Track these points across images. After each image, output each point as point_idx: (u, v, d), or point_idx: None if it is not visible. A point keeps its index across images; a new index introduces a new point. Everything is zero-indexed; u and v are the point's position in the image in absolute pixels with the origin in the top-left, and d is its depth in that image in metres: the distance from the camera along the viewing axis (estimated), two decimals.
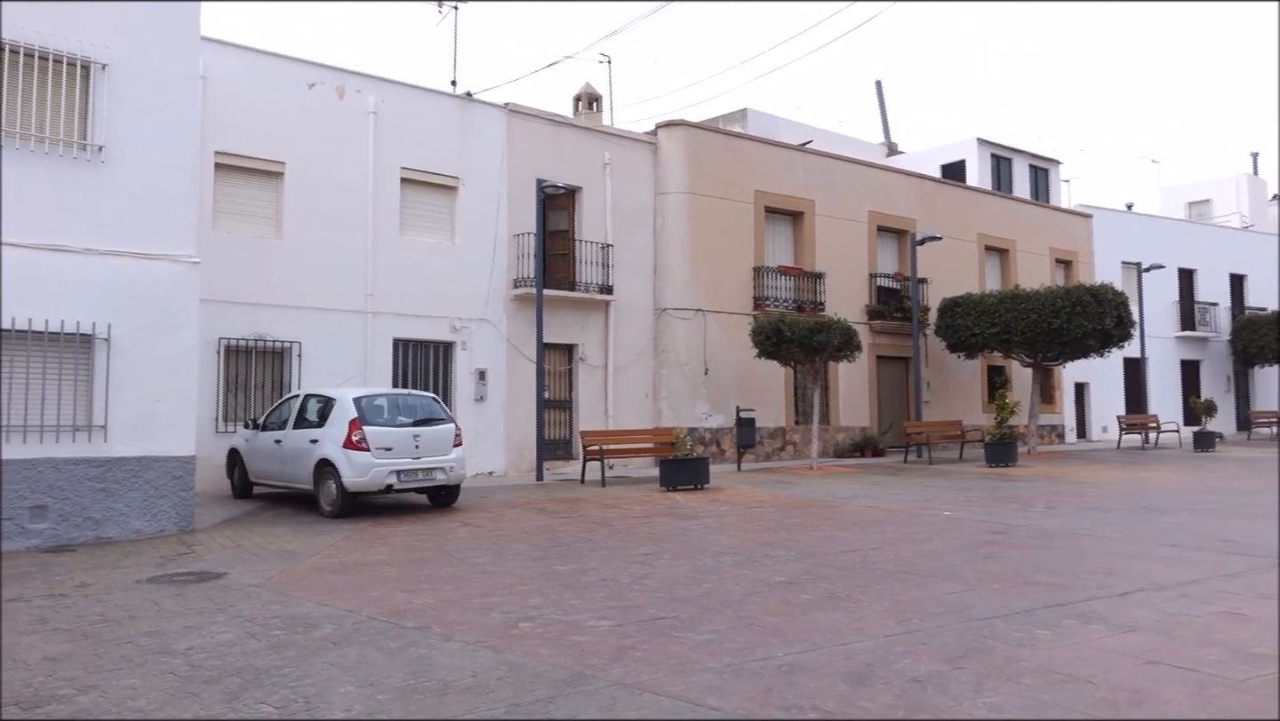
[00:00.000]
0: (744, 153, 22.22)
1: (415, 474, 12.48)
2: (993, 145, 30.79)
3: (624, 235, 20.37)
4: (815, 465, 19.65)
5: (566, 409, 19.68)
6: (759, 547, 9.64)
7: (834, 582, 7.79)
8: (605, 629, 6.28)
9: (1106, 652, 5.61)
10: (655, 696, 4.86)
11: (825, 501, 13.87)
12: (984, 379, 26.93)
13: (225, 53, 15.77)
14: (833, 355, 19.44)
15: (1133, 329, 23.76)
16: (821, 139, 27.92)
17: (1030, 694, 4.84)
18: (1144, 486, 15.85)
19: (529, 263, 18.44)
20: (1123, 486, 15.81)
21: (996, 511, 12.58)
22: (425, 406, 13.25)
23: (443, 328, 17.89)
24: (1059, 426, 28.94)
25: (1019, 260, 28.26)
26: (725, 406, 20.81)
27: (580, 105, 22.24)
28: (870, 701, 4.74)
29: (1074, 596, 7.17)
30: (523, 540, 10.29)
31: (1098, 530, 10.78)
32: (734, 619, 6.54)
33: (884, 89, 36.30)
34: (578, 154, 19.85)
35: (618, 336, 20.12)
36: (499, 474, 18.20)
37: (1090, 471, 18.90)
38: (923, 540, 10.14)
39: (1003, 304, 23.07)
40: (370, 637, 6.12)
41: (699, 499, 14.28)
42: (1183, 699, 4.75)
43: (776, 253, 22.78)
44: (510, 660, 5.56)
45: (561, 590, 7.57)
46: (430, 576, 8.23)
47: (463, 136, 18.37)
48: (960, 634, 6.06)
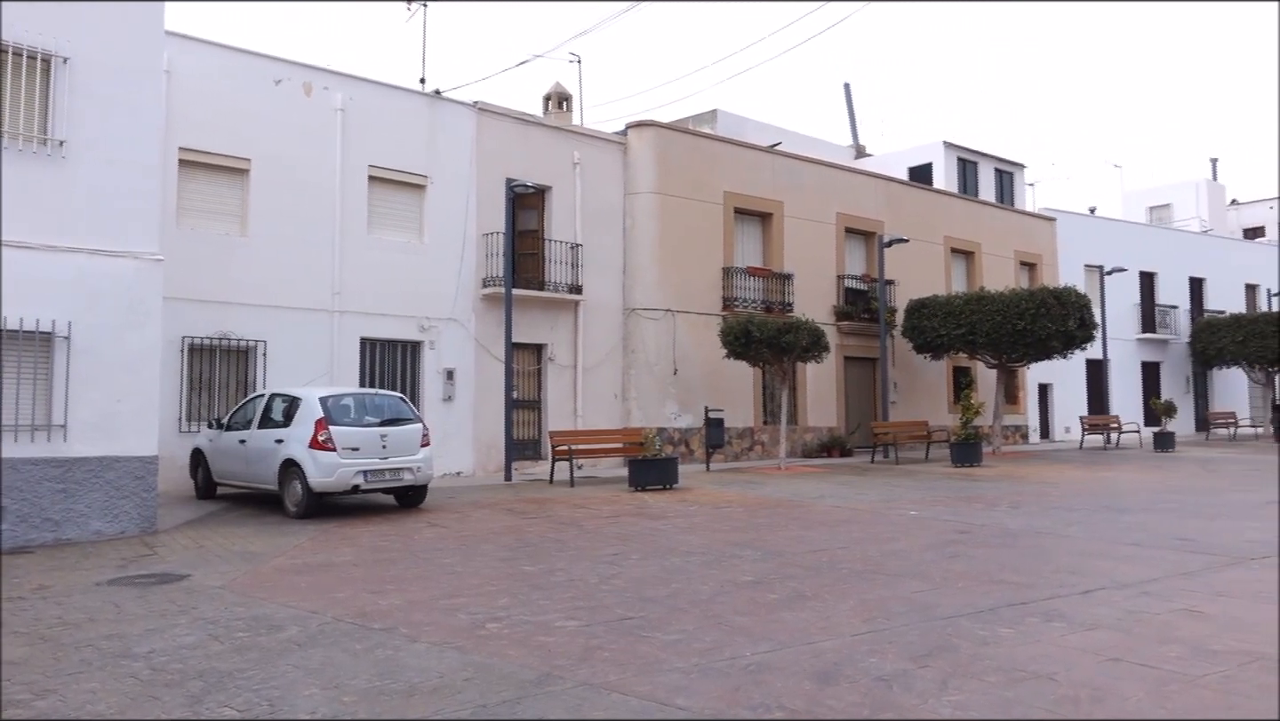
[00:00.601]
0: (713, 153, 22.28)
1: (382, 474, 12.39)
2: (959, 149, 31.12)
3: (593, 235, 20.35)
4: (783, 465, 19.74)
5: (535, 409, 19.63)
6: (727, 547, 9.67)
7: (801, 582, 7.83)
8: (573, 629, 6.27)
9: (1068, 650, 5.68)
10: (623, 696, 4.86)
11: (793, 501, 13.94)
12: (950, 380, 27.20)
13: (189, 48, 15.57)
14: (801, 356, 19.55)
15: (1095, 331, 24.11)
16: (790, 141, 28.07)
17: (994, 691, 4.90)
18: (1105, 486, 16.08)
19: (498, 262, 18.37)
20: (1085, 486, 16.03)
21: (961, 511, 12.71)
22: (392, 406, 13.16)
23: (410, 327, 17.78)
24: (1023, 427, 29.30)
25: (984, 262, 28.57)
26: (694, 406, 20.86)
27: (550, 104, 22.19)
28: (836, 700, 4.78)
29: (1037, 595, 7.26)
30: (490, 540, 10.25)
31: (1060, 529, 10.93)
32: (702, 618, 6.55)
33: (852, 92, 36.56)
34: (547, 153, 19.81)
35: (587, 336, 20.10)
36: (467, 474, 18.11)
37: (1053, 471, 19.15)
38: (889, 539, 10.22)
39: (968, 305, 23.31)
40: (335, 639, 6.07)
41: (667, 499, 14.30)
42: (1142, 695, 4.82)
43: (745, 253, 22.87)
44: (477, 661, 5.54)
45: (529, 590, 7.55)
46: (397, 577, 8.18)
47: (431, 135, 18.26)
48: (925, 632, 6.12)
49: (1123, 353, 32.33)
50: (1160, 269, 34.44)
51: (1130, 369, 32.96)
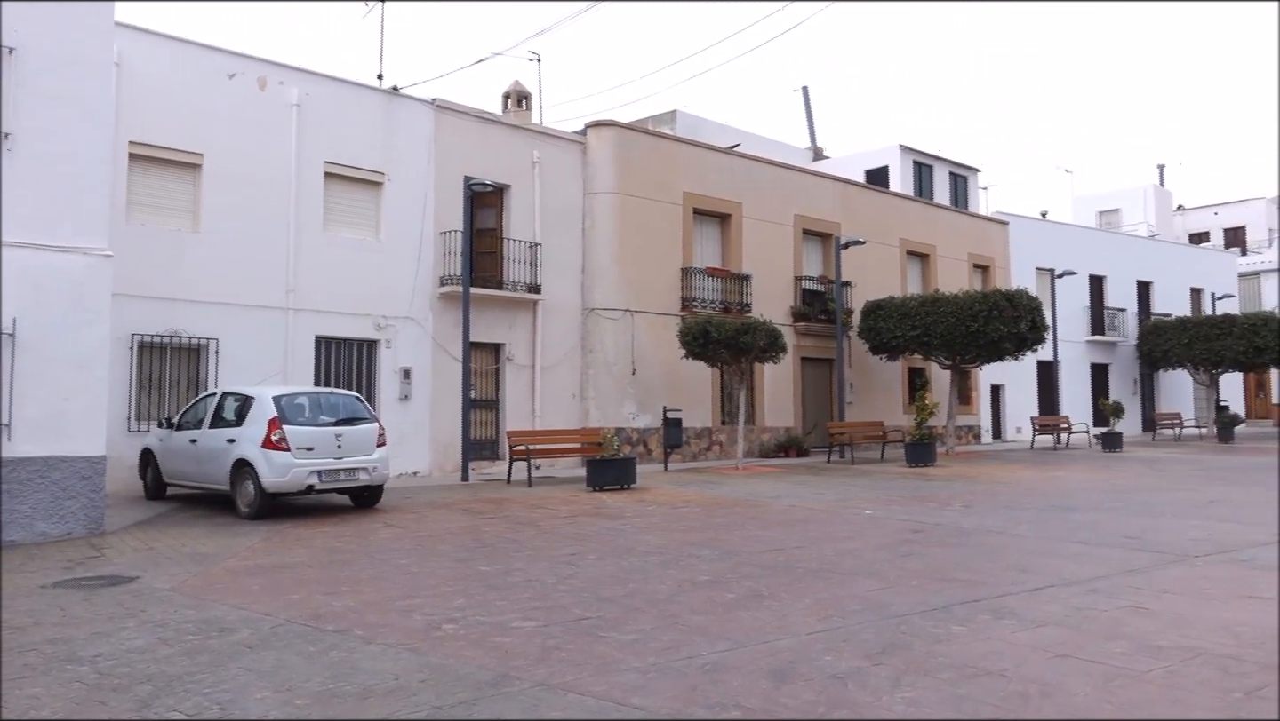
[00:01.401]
0: (673, 154, 22.34)
1: (337, 474, 12.26)
2: (915, 152, 31.50)
3: (552, 234, 20.30)
4: (741, 465, 19.85)
5: (493, 408, 19.53)
6: (684, 547, 9.70)
7: (758, 581, 7.88)
8: (530, 629, 6.26)
9: (1018, 646, 5.78)
10: (580, 696, 4.85)
11: (750, 501, 14.02)
12: (905, 380, 27.53)
13: (141, 40, 15.28)
14: (759, 356, 19.67)
15: (1046, 333, 24.53)
16: (749, 142, 28.24)
17: (946, 688, 4.97)
18: (1055, 486, 16.37)
19: (455, 260, 18.26)
20: (1035, 486, 16.32)
21: (916, 510, 12.87)
22: (348, 405, 13.02)
23: (367, 325, 17.61)
24: (976, 427, 29.73)
25: (939, 265, 28.95)
26: (653, 406, 20.89)
27: (509, 103, 22.10)
28: (792, 698, 4.81)
29: (988, 592, 7.38)
30: (447, 541, 10.19)
31: (1011, 528, 11.11)
32: (659, 618, 6.57)
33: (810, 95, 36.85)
34: (506, 152, 19.72)
35: (545, 336, 20.04)
36: (424, 474, 17.98)
37: (1005, 471, 19.46)
38: (844, 539, 10.32)
39: (923, 307, 23.60)
40: (288, 641, 5.99)
41: (625, 499, 14.31)
42: (1089, 691, 4.92)
43: (704, 254, 22.95)
44: (433, 662, 5.50)
45: (486, 591, 7.52)
46: (352, 578, 8.09)
47: (389, 132, 18.10)
48: (880, 630, 6.19)
49: (1073, 354, 32.95)
50: (1109, 272, 35.15)
51: (1080, 370, 33.60)
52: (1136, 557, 8.98)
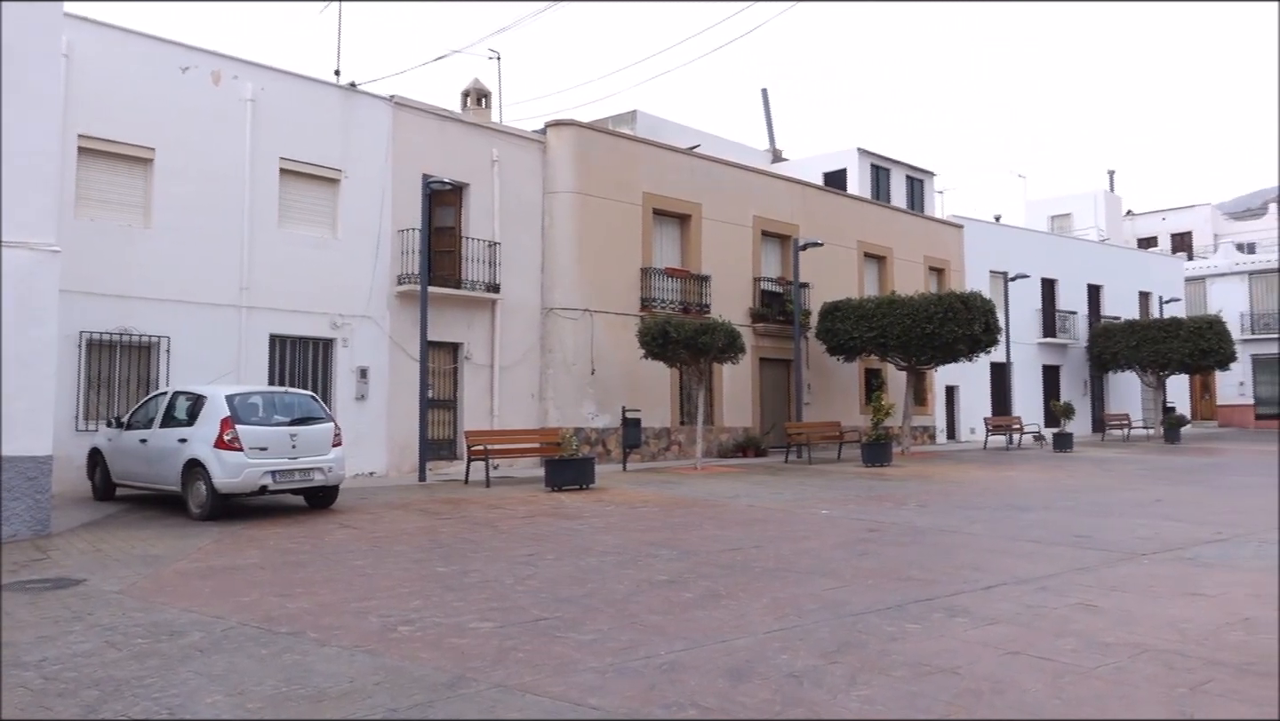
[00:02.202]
0: (633, 154, 22.35)
1: (292, 474, 12.10)
2: (872, 155, 31.82)
3: (511, 233, 20.22)
4: (699, 465, 19.91)
5: (451, 408, 19.40)
6: (643, 547, 9.71)
7: (716, 581, 7.91)
8: (487, 630, 6.22)
9: (971, 644, 5.86)
10: (537, 697, 4.84)
11: (708, 501, 14.07)
12: (862, 381, 27.80)
13: (91, 31, 14.98)
14: (717, 356, 19.75)
15: (999, 335, 24.91)
16: (709, 144, 28.34)
17: (900, 685, 5.02)
18: (1008, 485, 16.63)
19: (413, 259, 18.11)
20: (988, 485, 16.56)
21: (871, 510, 13.00)
22: (303, 405, 12.86)
23: (323, 324, 17.40)
24: (931, 427, 30.11)
25: (896, 267, 29.28)
26: (612, 406, 20.88)
27: (469, 101, 21.95)
28: (749, 697, 4.84)
29: (942, 591, 7.47)
30: (403, 541, 10.10)
31: (965, 527, 11.26)
32: (617, 618, 6.57)
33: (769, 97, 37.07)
34: (465, 150, 19.60)
35: (504, 335, 19.95)
36: (380, 474, 17.81)
37: (959, 471, 19.73)
38: (802, 538, 10.40)
39: (880, 309, 23.85)
40: (240, 644, 5.90)
41: (584, 499, 14.29)
42: (1040, 687, 5.01)
43: (663, 254, 23.00)
44: (389, 664, 5.45)
45: (443, 592, 7.47)
46: (306, 580, 7.99)
47: (346, 128, 17.91)
48: (836, 629, 6.24)
49: (1025, 356, 33.49)
50: (1061, 276, 35.78)
51: (1032, 372, 34.16)
52: (1086, 556, 9.15)
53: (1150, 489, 15.92)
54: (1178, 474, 19.07)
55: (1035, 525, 11.39)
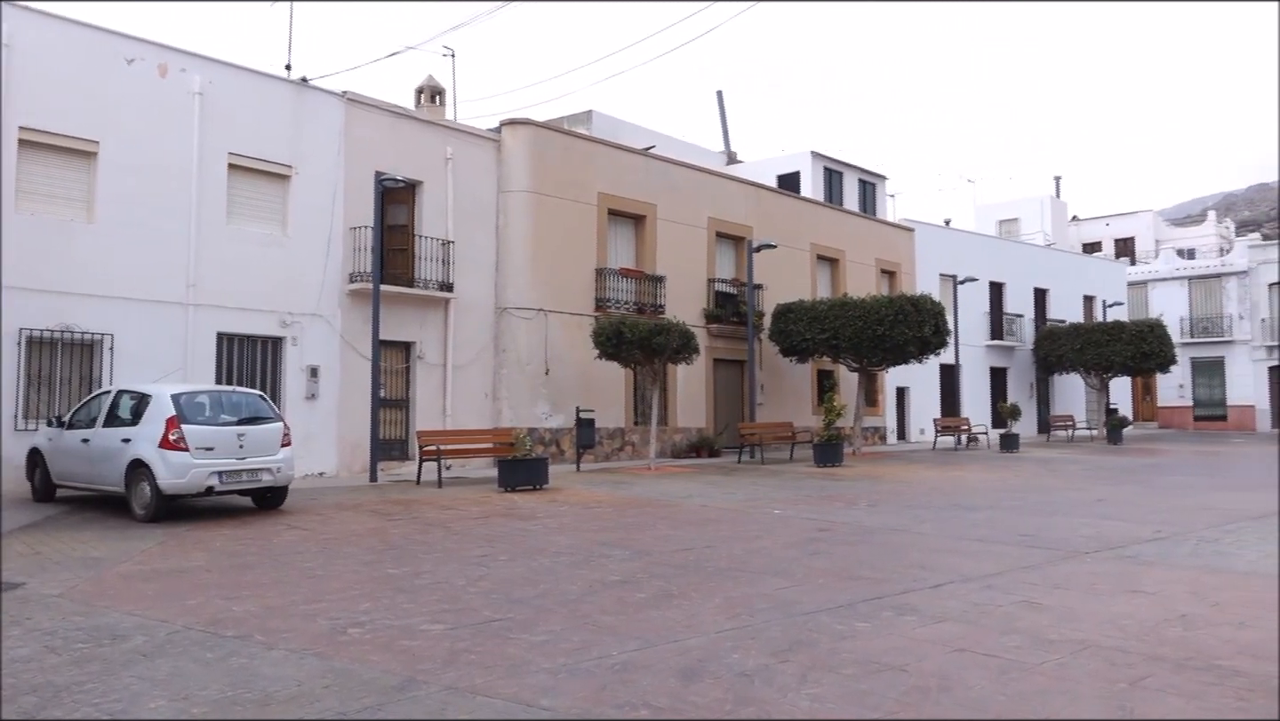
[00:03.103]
0: (588, 154, 22.33)
1: (239, 475, 11.91)
2: (826, 159, 32.12)
3: (465, 232, 20.09)
4: (653, 465, 19.95)
5: (403, 408, 19.23)
6: (596, 547, 9.71)
7: (668, 581, 7.93)
8: (438, 632, 6.18)
9: (919, 642, 5.95)
10: (488, 699, 4.82)
11: (662, 501, 14.10)
12: (814, 382, 28.05)
13: (32, 20, 14.61)
14: (671, 357, 19.80)
15: (948, 337, 25.29)
16: (664, 145, 28.41)
17: (850, 683, 5.08)
18: (956, 485, 16.89)
19: (366, 257, 17.92)
20: (937, 485, 16.80)
21: (823, 509, 13.13)
22: (251, 404, 12.66)
23: (272, 322, 17.15)
24: (881, 428, 30.47)
25: (848, 269, 29.59)
26: (565, 407, 20.84)
27: (422, 98, 21.79)
28: (700, 696, 4.86)
29: (891, 589, 7.57)
30: (353, 543, 9.99)
31: (914, 526, 11.42)
32: (570, 618, 6.56)
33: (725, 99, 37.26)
34: (419, 147, 19.44)
35: (457, 335, 19.82)
36: (330, 475, 17.59)
37: (908, 471, 19.99)
38: (754, 538, 10.47)
39: (832, 311, 24.09)
40: (185, 648, 5.80)
41: (537, 499, 14.25)
42: (985, 684, 5.10)
43: (618, 255, 23.00)
44: (338, 667, 5.39)
45: (393, 594, 7.40)
46: (253, 582, 7.87)
47: (297, 124, 17.67)
48: (787, 628, 6.30)
49: (973, 358, 34.04)
50: (1008, 279, 36.42)
51: (980, 374, 34.73)
52: (1031, 554, 9.33)
53: (1093, 489, 16.27)
54: (1119, 474, 19.52)
55: (982, 524, 11.59)
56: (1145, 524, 11.64)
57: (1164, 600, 7.23)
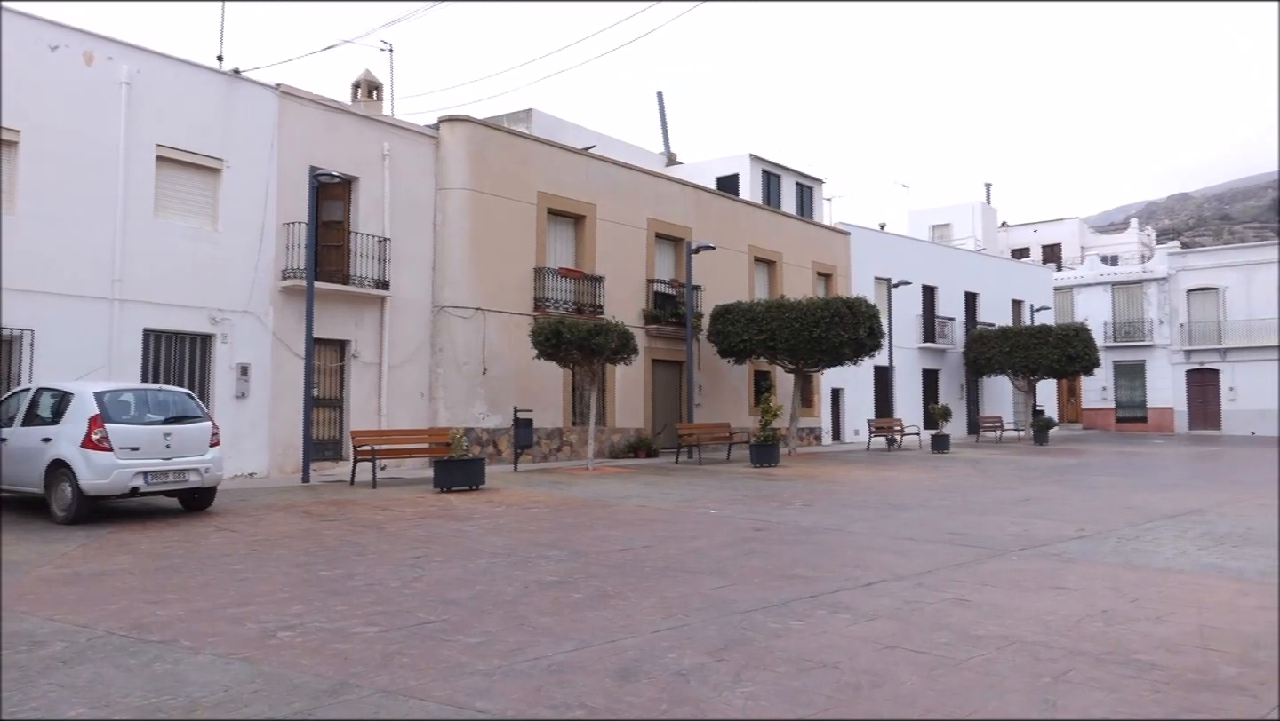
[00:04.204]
0: (528, 153, 22.22)
1: (165, 475, 11.61)
2: (764, 162, 32.42)
3: (402, 229, 19.84)
4: (591, 465, 19.93)
5: (337, 407, 18.92)
6: (533, 548, 9.67)
7: (605, 581, 7.94)
8: (371, 635, 6.10)
9: (852, 639, 6.04)
10: (422, 702, 4.77)
11: (599, 501, 14.10)
12: (751, 383, 28.29)
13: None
14: (610, 357, 19.80)
15: (883, 339, 25.73)
16: (604, 145, 28.39)
17: (783, 681, 5.14)
18: (888, 485, 17.19)
19: (299, 253, 17.59)
20: (871, 485, 17.08)
21: (759, 509, 13.26)
22: (178, 403, 12.35)
23: (201, 319, 16.74)
24: (817, 429, 30.86)
25: (785, 271, 29.90)
26: (503, 407, 20.71)
27: (359, 92, 21.47)
28: (636, 696, 4.88)
29: (825, 588, 7.68)
30: (284, 545, 9.80)
31: (848, 526, 11.59)
32: (505, 620, 6.53)
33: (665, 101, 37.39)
34: (355, 143, 19.14)
35: (393, 333, 19.56)
36: (261, 475, 17.23)
37: (843, 471, 20.28)
38: (691, 537, 10.52)
39: (769, 312, 24.32)
40: (107, 654, 5.63)
41: (474, 500, 14.14)
42: (916, 679, 5.20)
43: (557, 254, 22.93)
44: (267, 671, 5.29)
45: (325, 596, 7.28)
46: (179, 586, 7.68)
47: (229, 116, 17.27)
48: (722, 627, 6.35)
49: (906, 360, 34.66)
50: (940, 283, 37.17)
51: (912, 375, 35.38)
52: (960, 552, 9.54)
53: (1020, 488, 16.69)
54: (1045, 474, 20.05)
55: (913, 523, 11.81)
56: (1069, 522, 11.98)
57: (1086, 596, 7.45)
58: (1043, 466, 22.31)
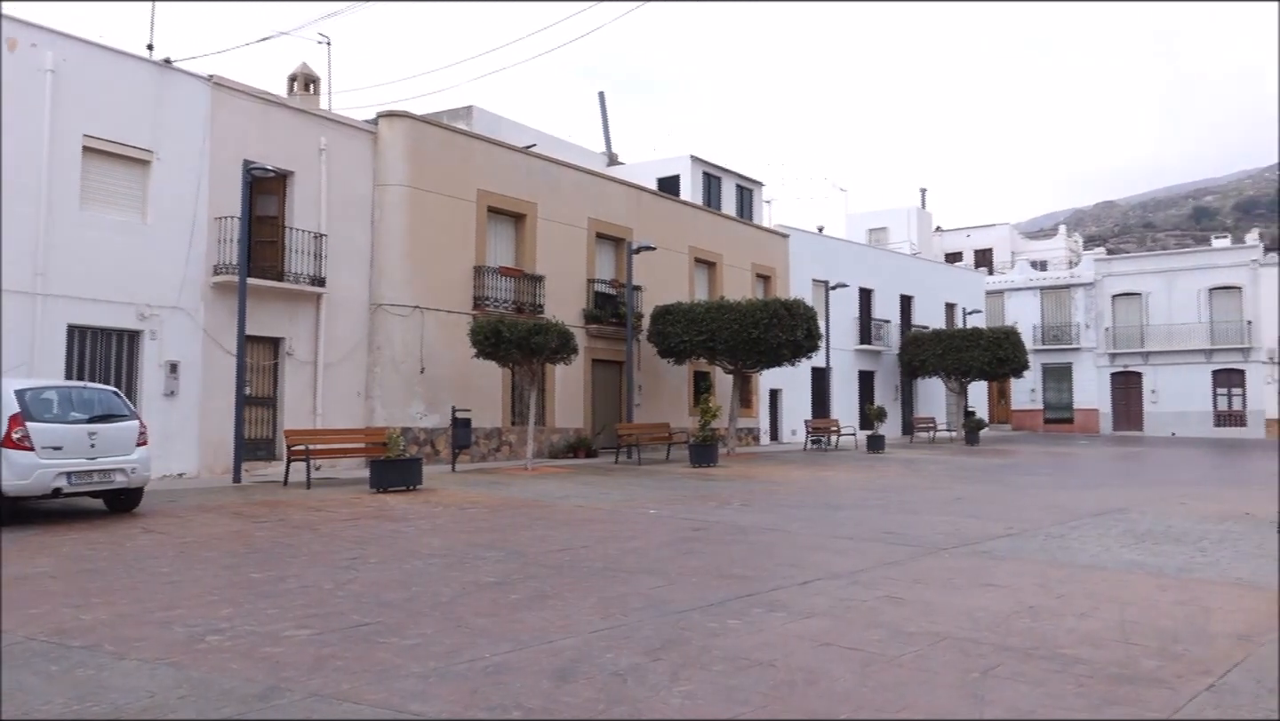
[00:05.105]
0: (468, 150, 22.04)
1: (90, 476, 11.28)
2: (705, 163, 32.61)
3: (339, 225, 19.52)
4: (530, 466, 19.84)
5: (270, 406, 18.55)
6: (470, 549, 9.60)
7: (543, 581, 7.91)
8: (304, 638, 6.00)
9: (788, 637, 6.11)
10: (355, 705, 4.70)
11: (538, 501, 14.05)
12: (690, 384, 28.43)
13: None
14: (550, 357, 19.73)
15: (820, 341, 26.05)
16: (546, 144, 28.30)
17: (720, 680, 5.18)
18: (825, 485, 17.42)
19: (232, 248, 17.21)
20: (808, 485, 17.29)
21: (697, 509, 13.33)
22: (104, 401, 12.01)
23: (129, 315, 16.28)
24: (755, 429, 31.14)
25: (725, 273, 30.11)
26: (441, 406, 20.51)
27: (295, 86, 21.09)
28: (573, 697, 4.87)
29: (762, 587, 7.75)
30: (214, 546, 9.59)
31: (785, 525, 11.72)
32: (442, 621, 6.47)
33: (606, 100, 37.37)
34: (291, 137, 18.79)
35: (329, 331, 19.25)
36: (191, 475, 16.83)
37: (781, 471, 20.50)
38: (629, 538, 10.54)
39: (709, 313, 24.47)
40: (27, 660, 5.45)
41: (410, 500, 13.98)
42: (849, 676, 5.28)
43: (498, 253, 22.79)
44: (194, 677, 5.16)
45: (256, 599, 7.14)
46: (104, 589, 7.46)
47: (159, 107, 16.82)
48: (660, 626, 6.37)
49: (843, 362, 35.14)
50: (876, 286, 37.76)
51: (849, 376, 35.89)
52: (894, 551, 9.71)
53: (952, 488, 17.04)
54: (976, 474, 20.50)
55: (849, 523, 11.98)
56: (999, 521, 12.27)
57: (1014, 593, 7.64)
58: (974, 466, 22.80)
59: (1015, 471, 21.47)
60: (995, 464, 23.86)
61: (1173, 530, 11.49)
